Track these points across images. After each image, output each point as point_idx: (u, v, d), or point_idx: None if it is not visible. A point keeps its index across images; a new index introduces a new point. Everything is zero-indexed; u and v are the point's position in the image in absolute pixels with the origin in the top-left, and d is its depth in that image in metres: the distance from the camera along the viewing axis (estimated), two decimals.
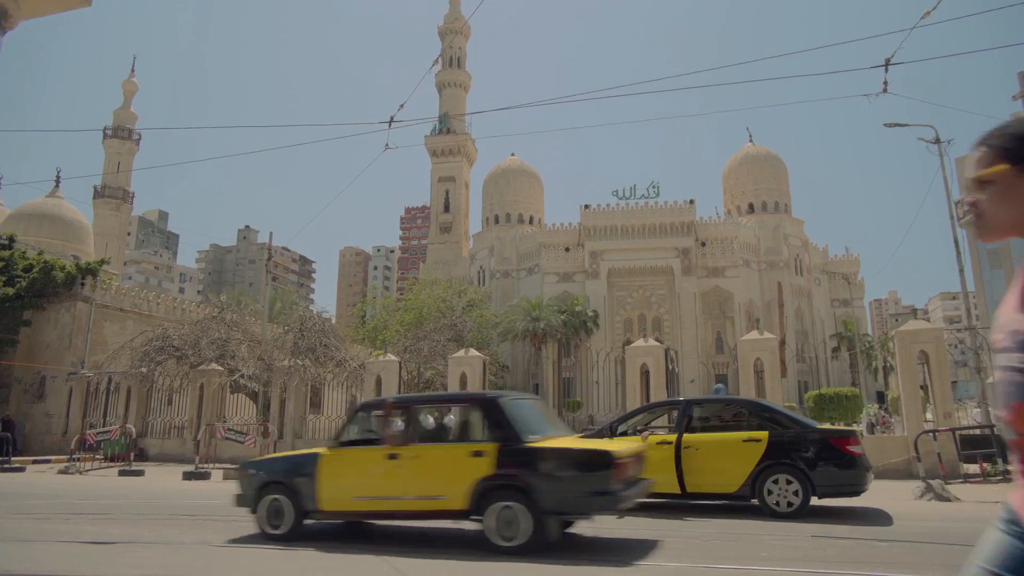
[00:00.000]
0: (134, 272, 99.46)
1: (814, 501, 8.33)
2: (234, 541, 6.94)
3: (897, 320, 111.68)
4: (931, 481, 10.37)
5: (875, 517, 8.26)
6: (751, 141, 63.72)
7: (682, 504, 9.39)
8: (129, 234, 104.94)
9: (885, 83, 9.61)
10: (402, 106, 10.44)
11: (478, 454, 6.32)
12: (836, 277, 62.07)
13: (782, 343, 22.24)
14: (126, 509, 9.85)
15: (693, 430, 9.14)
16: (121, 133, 57.35)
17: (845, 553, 6.23)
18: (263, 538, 6.88)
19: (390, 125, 10.68)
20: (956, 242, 18.47)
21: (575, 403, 43.67)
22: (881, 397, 44.20)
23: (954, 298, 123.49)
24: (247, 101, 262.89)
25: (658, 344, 18.08)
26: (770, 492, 8.31)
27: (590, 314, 47.78)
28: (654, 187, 53.89)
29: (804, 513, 8.13)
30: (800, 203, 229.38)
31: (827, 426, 12.14)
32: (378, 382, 20.33)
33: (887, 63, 8.72)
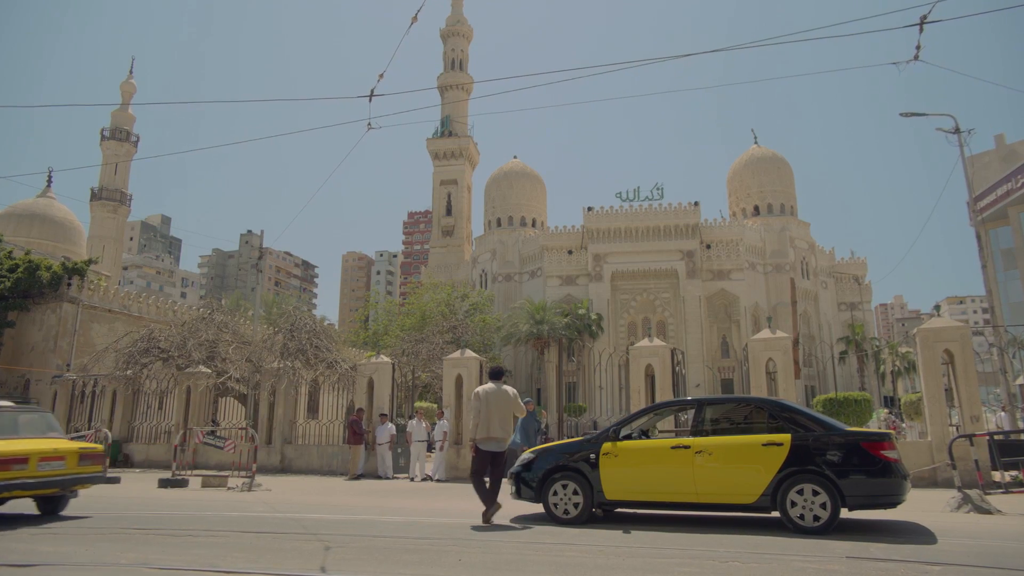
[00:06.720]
0: (135, 277, 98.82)
1: (844, 514, 7.38)
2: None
3: (904, 325, 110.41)
4: (968, 491, 9.38)
5: (915, 533, 7.28)
6: (756, 143, 62.98)
7: (688, 516, 8.47)
8: (132, 239, 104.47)
9: (918, 47, 8.60)
10: (381, 76, 9.60)
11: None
12: (842, 280, 61.05)
13: (795, 342, 21.25)
14: (79, 523, 8.94)
15: (705, 433, 8.24)
16: (119, 135, 56.78)
17: None
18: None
19: (370, 100, 9.91)
20: (979, 237, 17.50)
21: (578, 408, 42.75)
22: (889, 402, 43.07)
23: (961, 302, 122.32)
24: (245, 105, 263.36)
25: (664, 344, 17.12)
26: (793, 504, 7.32)
27: (593, 317, 46.87)
28: (658, 189, 53.10)
29: (833, 528, 7.15)
30: (806, 205, 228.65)
31: (858, 428, 11.10)
32: (370, 385, 19.40)
33: (922, 20, 7.75)
